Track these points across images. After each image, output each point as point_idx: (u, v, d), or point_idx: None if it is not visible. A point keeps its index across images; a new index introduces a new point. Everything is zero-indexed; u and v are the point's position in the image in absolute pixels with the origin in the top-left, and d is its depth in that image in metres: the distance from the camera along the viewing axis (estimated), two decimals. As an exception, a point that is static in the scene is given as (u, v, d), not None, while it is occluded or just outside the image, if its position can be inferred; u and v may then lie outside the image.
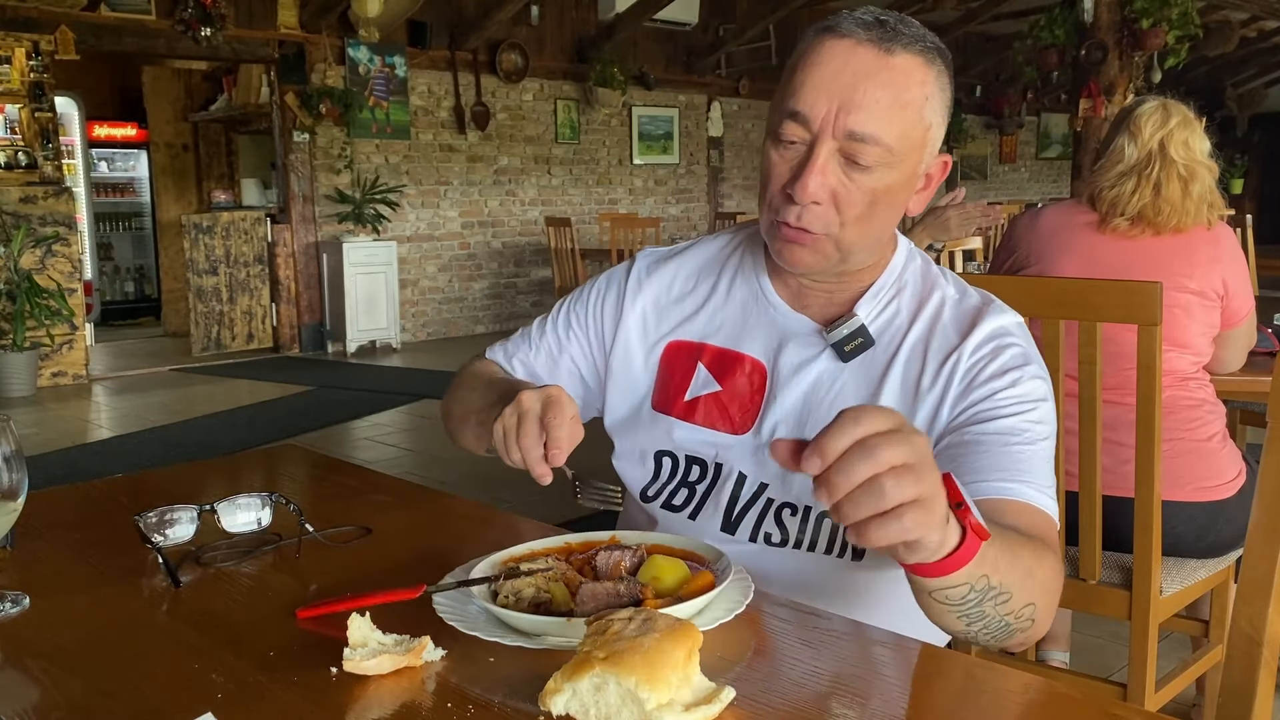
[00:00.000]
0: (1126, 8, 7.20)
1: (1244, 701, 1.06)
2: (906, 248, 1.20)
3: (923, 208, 1.15)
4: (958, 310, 1.14)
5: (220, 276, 7.69)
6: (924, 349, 1.12)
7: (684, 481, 1.20)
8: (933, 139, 1.08)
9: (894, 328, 1.15)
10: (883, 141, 1.03)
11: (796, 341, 1.16)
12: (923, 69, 1.04)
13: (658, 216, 9.37)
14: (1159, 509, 1.68)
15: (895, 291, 1.16)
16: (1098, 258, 2.07)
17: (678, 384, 1.22)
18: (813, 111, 1.03)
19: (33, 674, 0.84)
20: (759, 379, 1.17)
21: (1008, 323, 1.13)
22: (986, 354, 1.09)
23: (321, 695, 0.78)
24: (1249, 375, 2.17)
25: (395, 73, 8.21)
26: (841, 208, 1.06)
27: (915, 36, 1.05)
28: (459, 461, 4.76)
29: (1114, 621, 1.66)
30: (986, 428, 1.06)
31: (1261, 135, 15.47)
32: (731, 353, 1.20)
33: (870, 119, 1.02)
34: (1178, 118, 2.08)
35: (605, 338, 1.28)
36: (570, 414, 0.98)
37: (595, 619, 0.75)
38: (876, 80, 1.02)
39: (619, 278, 1.30)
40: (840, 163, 1.04)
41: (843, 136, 1.03)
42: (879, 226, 1.10)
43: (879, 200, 1.06)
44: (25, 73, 6.62)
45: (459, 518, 1.25)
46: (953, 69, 1.10)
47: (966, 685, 0.81)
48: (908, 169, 1.07)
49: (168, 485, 1.41)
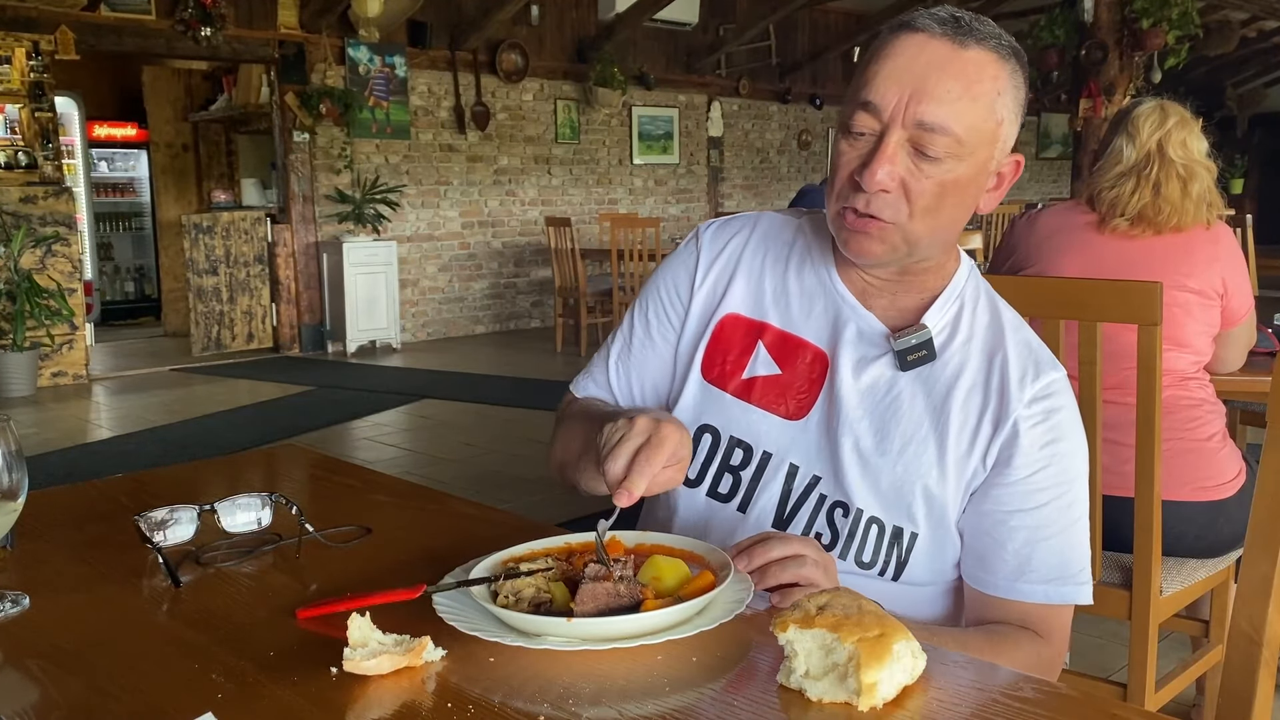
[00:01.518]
0: (1126, 8, 7.20)
1: (1244, 701, 1.06)
2: (969, 263, 1.19)
3: (994, 207, 1.13)
4: (1019, 350, 1.13)
5: (220, 276, 7.69)
6: (984, 386, 1.11)
7: (725, 465, 1.18)
8: (1005, 135, 1.07)
9: (955, 345, 1.13)
10: (952, 131, 1.02)
11: (860, 338, 1.14)
12: (996, 64, 1.04)
13: (658, 216, 9.36)
14: (1159, 509, 1.68)
15: (959, 306, 1.15)
16: (1097, 258, 2.07)
17: (735, 360, 1.19)
18: (884, 101, 1.03)
19: (33, 674, 0.84)
20: (820, 368, 1.15)
21: (1059, 378, 1.12)
22: (1037, 415, 1.09)
23: (321, 695, 0.78)
24: (1249, 375, 2.17)
25: (395, 73, 8.21)
26: (911, 197, 1.04)
27: (990, 34, 1.05)
28: (459, 461, 4.76)
29: (1114, 621, 1.66)
30: (1013, 520, 1.09)
31: (1261, 135, 15.46)
32: (794, 337, 1.17)
33: (940, 108, 1.01)
34: (1175, 118, 2.08)
35: (684, 316, 1.25)
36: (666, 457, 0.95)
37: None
38: (948, 71, 1.02)
39: (685, 256, 1.27)
40: (909, 152, 1.03)
41: (912, 125, 1.02)
42: (947, 220, 1.08)
43: (948, 192, 1.05)
44: (25, 73, 6.62)
45: (459, 518, 1.25)
46: (1028, 71, 1.09)
47: (966, 685, 0.81)
48: (978, 162, 1.05)
49: (168, 485, 1.41)
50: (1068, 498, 1.10)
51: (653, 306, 1.27)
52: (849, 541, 1.12)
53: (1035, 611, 1.10)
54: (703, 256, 1.24)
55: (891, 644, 0.75)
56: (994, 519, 1.10)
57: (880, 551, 1.12)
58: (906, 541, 1.11)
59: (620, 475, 0.95)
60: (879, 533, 1.11)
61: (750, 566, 0.96)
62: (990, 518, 1.10)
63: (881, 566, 1.12)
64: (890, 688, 0.75)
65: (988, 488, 1.10)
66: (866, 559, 1.12)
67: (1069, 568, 1.10)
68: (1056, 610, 1.10)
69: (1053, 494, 1.09)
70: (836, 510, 1.13)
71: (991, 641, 1.06)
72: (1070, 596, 1.10)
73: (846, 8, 11.20)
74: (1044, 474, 1.09)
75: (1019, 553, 1.09)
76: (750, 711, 0.75)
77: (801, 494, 1.14)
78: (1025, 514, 1.09)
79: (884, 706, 0.75)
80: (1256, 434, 3.06)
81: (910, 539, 1.11)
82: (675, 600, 0.87)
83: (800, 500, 1.14)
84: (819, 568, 0.97)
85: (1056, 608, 1.10)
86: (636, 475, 0.94)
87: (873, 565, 1.12)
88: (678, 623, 0.85)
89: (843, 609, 0.79)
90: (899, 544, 1.11)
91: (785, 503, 1.15)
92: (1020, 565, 1.09)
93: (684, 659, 0.83)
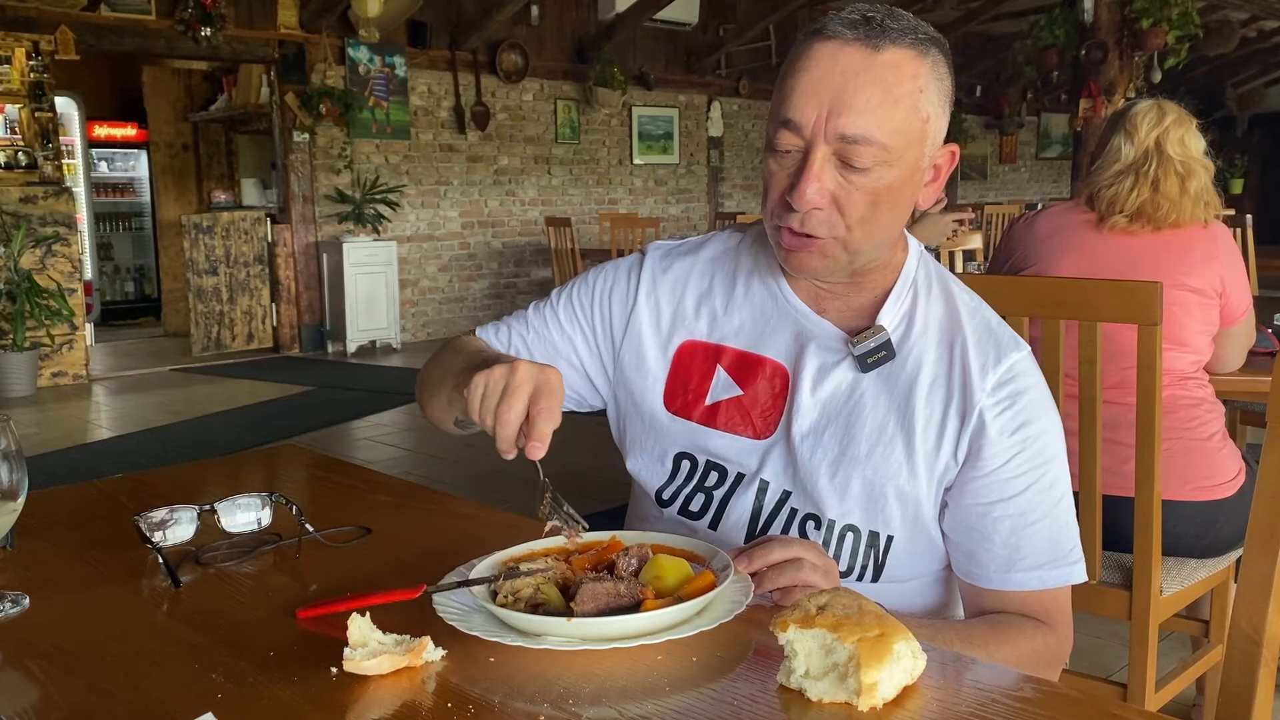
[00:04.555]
0: (1126, 8, 7.21)
1: (1244, 701, 1.06)
2: (917, 250, 1.18)
3: (934, 200, 1.12)
4: (978, 334, 1.12)
5: (220, 276, 7.69)
6: (946, 377, 1.10)
7: (700, 486, 1.18)
8: (934, 130, 1.05)
9: (913, 338, 1.12)
10: (876, 140, 1.00)
11: (818, 346, 1.14)
12: (914, 61, 1.02)
13: (657, 216, 9.37)
14: (1159, 509, 1.68)
15: (912, 296, 1.14)
16: (1097, 256, 2.07)
17: (696, 387, 1.18)
18: (803, 118, 1.01)
19: (33, 674, 0.84)
20: (781, 383, 1.15)
21: (1020, 358, 1.11)
22: (1003, 401, 1.08)
23: (321, 695, 0.78)
24: (1249, 375, 2.17)
25: (395, 73, 8.21)
26: (844, 210, 1.03)
27: (905, 29, 1.02)
28: (459, 462, 4.76)
29: (1114, 621, 1.66)
30: (995, 511, 1.08)
31: (1261, 135, 15.46)
32: (752, 355, 1.17)
33: (861, 119, 0.99)
34: (1173, 116, 2.09)
35: (614, 331, 1.24)
36: (559, 404, 0.94)
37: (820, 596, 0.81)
38: (864, 79, 1.00)
39: (628, 270, 1.25)
40: (837, 166, 1.02)
41: (835, 140, 1.01)
42: (885, 225, 1.07)
43: (881, 200, 1.04)
44: (25, 73, 6.62)
45: (459, 518, 1.25)
46: (950, 57, 1.07)
47: (966, 685, 0.81)
48: (908, 164, 1.04)
49: (168, 485, 1.41)
50: (1047, 479, 1.09)
51: (581, 300, 1.26)
52: None
53: (1033, 599, 1.09)
54: (645, 277, 1.23)
55: (892, 644, 0.75)
56: (976, 513, 1.09)
57: (857, 558, 1.12)
58: (883, 545, 1.11)
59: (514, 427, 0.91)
60: (854, 540, 1.11)
61: (750, 569, 0.95)
62: (972, 512, 1.09)
63: (860, 572, 1.12)
64: (890, 688, 0.75)
65: (963, 482, 1.09)
66: (843, 567, 1.12)
67: (1059, 549, 1.09)
68: (1054, 594, 1.10)
69: (1030, 479, 1.08)
70: (809, 522, 1.13)
71: (996, 632, 1.06)
72: (1065, 578, 1.09)
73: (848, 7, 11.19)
74: (1018, 460, 1.08)
75: (1007, 543, 1.08)
76: (750, 711, 0.75)
77: (773, 509, 1.14)
78: (1006, 503, 1.08)
79: (884, 706, 0.75)
80: (1256, 434, 3.06)
81: (886, 542, 1.11)
82: (675, 600, 0.87)
83: (772, 515, 1.14)
84: (818, 571, 0.97)
85: (1054, 591, 1.10)
86: (538, 428, 0.91)
87: (850, 571, 1.12)
88: (678, 623, 0.85)
89: (843, 609, 0.79)
90: (875, 548, 1.11)
91: (757, 518, 1.15)
92: (1010, 555, 1.08)
93: (684, 659, 0.83)
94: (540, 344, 1.26)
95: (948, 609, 1.19)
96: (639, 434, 1.23)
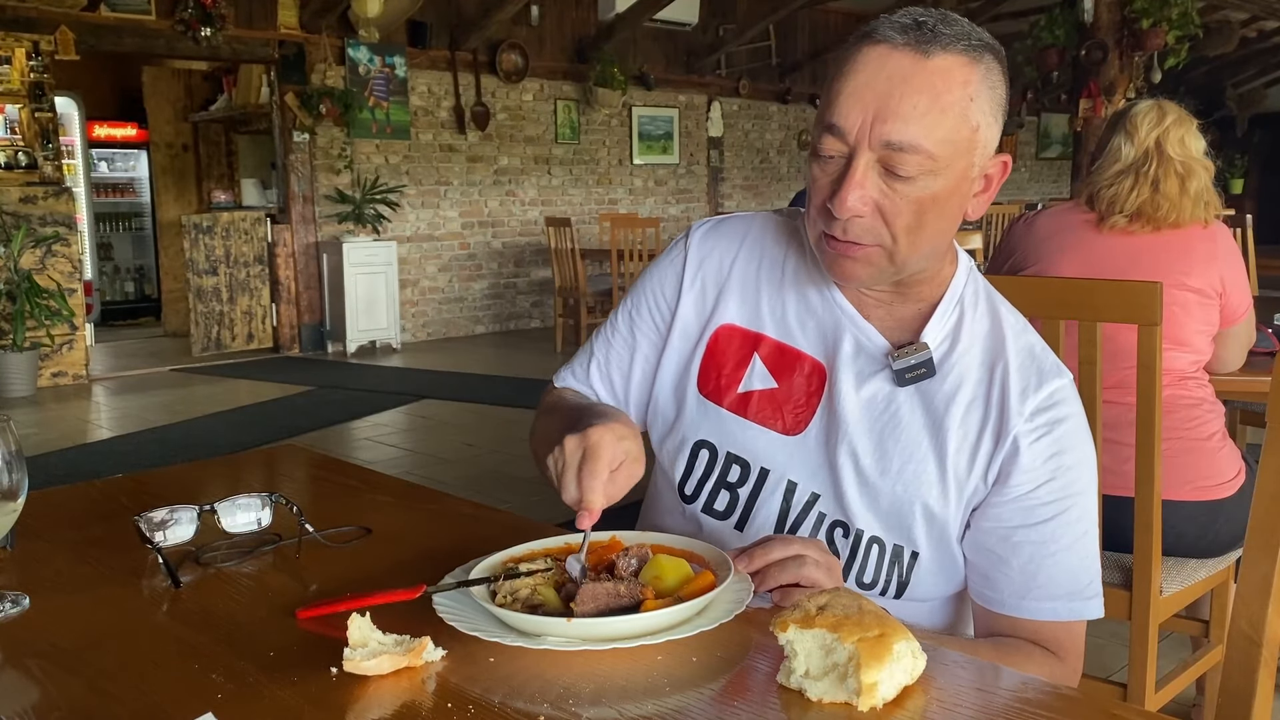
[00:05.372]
0: (1126, 8, 7.21)
1: (1244, 701, 1.06)
2: (967, 264, 1.14)
3: (984, 211, 1.09)
4: (1021, 358, 1.09)
5: (220, 276, 7.69)
6: (984, 399, 1.08)
7: (722, 482, 1.16)
8: (984, 140, 1.02)
9: (955, 356, 1.10)
10: (923, 148, 0.97)
11: (859, 352, 1.11)
12: (965, 68, 0.98)
13: (658, 216, 9.36)
14: (1159, 509, 1.68)
15: (959, 313, 1.11)
16: (1097, 256, 2.07)
17: (731, 373, 1.16)
18: (847, 123, 0.98)
19: (33, 674, 0.84)
20: (818, 381, 1.12)
21: (1062, 385, 1.08)
22: (1040, 428, 1.06)
23: (321, 695, 0.78)
24: (1249, 375, 2.17)
25: (395, 73, 8.21)
26: (888, 219, 1.00)
27: (957, 35, 0.99)
28: (459, 462, 4.76)
29: (1114, 621, 1.65)
30: (1016, 535, 1.07)
31: (1261, 135, 15.45)
32: (791, 349, 1.14)
33: (907, 126, 0.97)
34: (1173, 116, 2.09)
35: (670, 319, 1.22)
36: (608, 464, 0.93)
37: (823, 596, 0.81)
38: (912, 85, 0.97)
39: (674, 257, 1.23)
40: (880, 173, 0.99)
41: (880, 146, 0.98)
42: (932, 235, 1.03)
43: (927, 209, 1.00)
44: (25, 73, 6.62)
45: (459, 518, 1.25)
46: (1006, 65, 1.03)
47: (967, 685, 0.81)
48: (955, 174, 1.01)
49: (168, 485, 1.41)
50: (1074, 511, 1.07)
51: (638, 306, 1.25)
52: (850, 561, 1.10)
53: (1046, 629, 1.07)
54: (690, 258, 1.21)
55: (892, 644, 0.75)
56: (997, 535, 1.07)
57: (881, 571, 1.10)
58: (907, 561, 1.09)
59: (576, 499, 0.93)
60: (880, 553, 1.10)
61: (751, 568, 0.95)
62: (993, 534, 1.08)
63: (883, 586, 1.11)
64: (890, 688, 0.75)
65: (989, 504, 1.08)
66: (868, 579, 1.11)
67: (1078, 583, 1.07)
68: (1067, 627, 1.08)
69: (1057, 508, 1.06)
70: (837, 530, 1.11)
71: (1001, 652, 1.04)
72: (1080, 612, 1.07)
73: (846, 8, 11.20)
74: (1047, 488, 1.06)
75: (1025, 569, 1.06)
76: (750, 711, 0.75)
77: (801, 511, 1.12)
78: (1029, 529, 1.06)
79: (884, 706, 0.75)
80: (1256, 434, 3.06)
81: (911, 558, 1.09)
82: (675, 600, 0.87)
83: (800, 518, 1.12)
84: (820, 568, 0.96)
85: (1067, 625, 1.08)
86: (588, 494, 0.92)
87: (874, 585, 1.11)
88: (678, 623, 0.85)
89: (843, 609, 0.79)
90: (899, 563, 1.10)
91: (784, 520, 1.13)
92: (1027, 582, 1.06)
93: (684, 659, 0.83)
94: (617, 367, 1.26)
95: (956, 630, 1.18)
96: (666, 416, 1.21)
